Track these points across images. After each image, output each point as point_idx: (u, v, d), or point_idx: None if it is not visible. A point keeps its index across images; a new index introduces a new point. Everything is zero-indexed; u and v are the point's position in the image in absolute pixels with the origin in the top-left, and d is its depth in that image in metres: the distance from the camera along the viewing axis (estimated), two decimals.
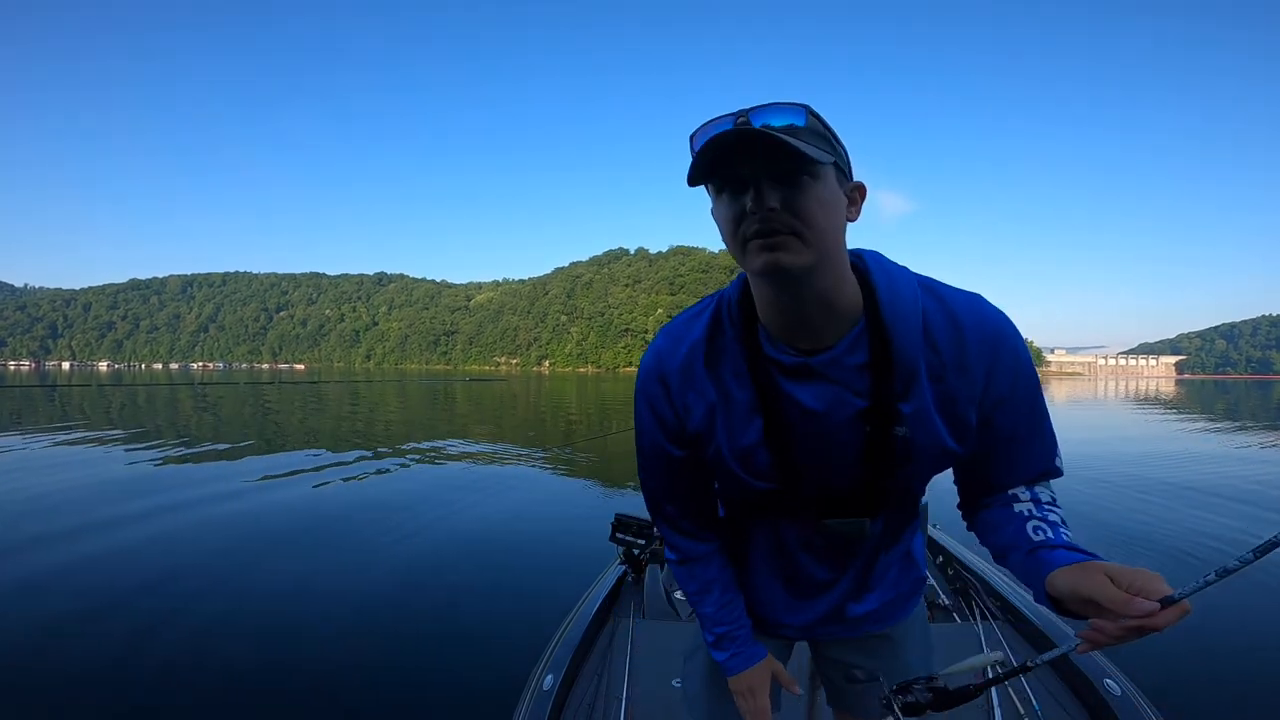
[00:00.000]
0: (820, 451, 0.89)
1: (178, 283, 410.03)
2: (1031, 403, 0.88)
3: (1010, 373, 0.85)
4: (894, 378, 0.82)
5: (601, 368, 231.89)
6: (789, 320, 0.83)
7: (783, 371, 0.86)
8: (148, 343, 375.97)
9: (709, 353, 0.90)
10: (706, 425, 0.91)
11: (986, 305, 0.87)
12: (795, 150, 0.70)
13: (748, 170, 0.73)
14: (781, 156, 0.71)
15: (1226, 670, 3.29)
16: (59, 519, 6.18)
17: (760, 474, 0.92)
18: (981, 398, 0.85)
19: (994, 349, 0.84)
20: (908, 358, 0.82)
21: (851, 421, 0.85)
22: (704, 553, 1.06)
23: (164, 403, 24.20)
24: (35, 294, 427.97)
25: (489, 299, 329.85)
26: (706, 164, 0.74)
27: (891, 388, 0.83)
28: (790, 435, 0.88)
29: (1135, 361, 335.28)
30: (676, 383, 0.92)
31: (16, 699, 2.94)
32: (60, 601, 4.07)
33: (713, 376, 0.90)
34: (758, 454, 0.90)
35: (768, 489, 0.94)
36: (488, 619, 3.91)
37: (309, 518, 6.44)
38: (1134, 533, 5.98)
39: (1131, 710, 1.91)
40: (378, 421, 18.06)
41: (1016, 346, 0.86)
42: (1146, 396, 41.44)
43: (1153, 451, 12.12)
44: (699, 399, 0.91)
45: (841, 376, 0.84)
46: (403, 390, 38.00)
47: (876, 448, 0.86)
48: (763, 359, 0.86)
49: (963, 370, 0.84)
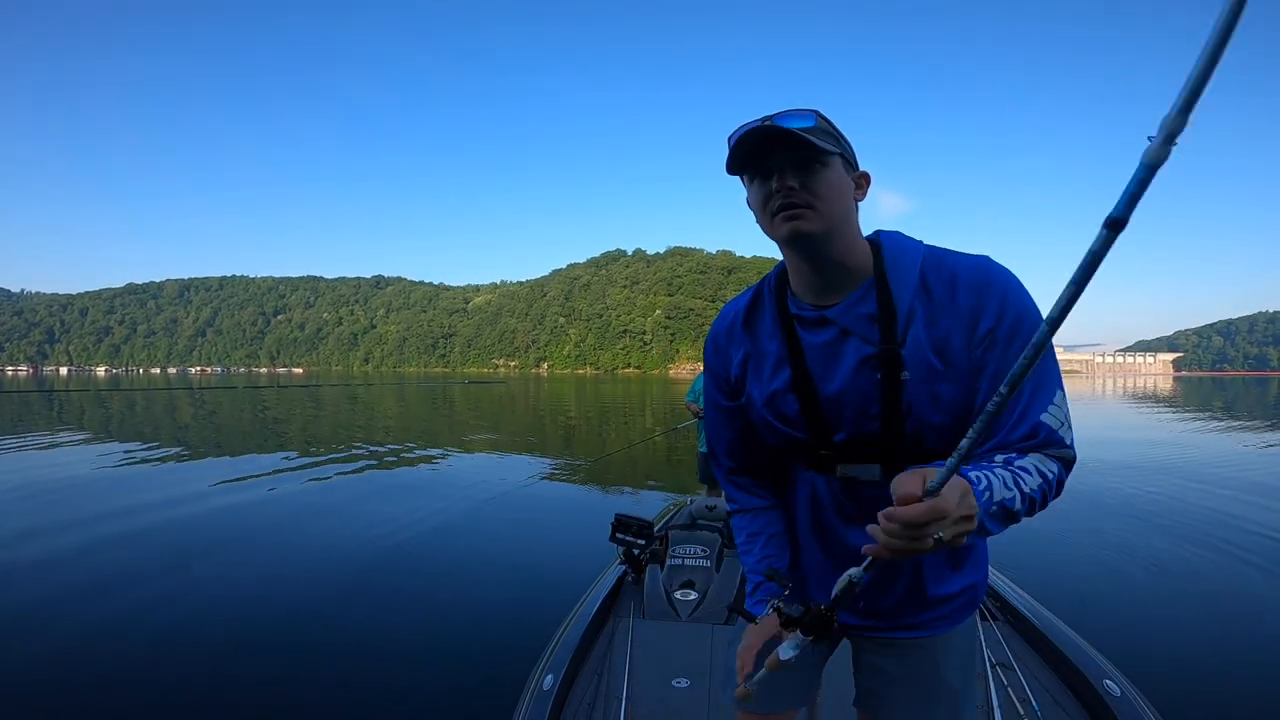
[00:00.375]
0: (840, 397, 1.00)
1: (175, 287, 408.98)
2: (1016, 345, 0.91)
3: (997, 309, 0.92)
4: (895, 323, 0.95)
5: (600, 369, 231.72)
6: (813, 282, 1.00)
7: (804, 324, 1.03)
8: (145, 347, 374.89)
9: (748, 316, 1.11)
10: (741, 373, 1.11)
11: (988, 259, 0.97)
12: (808, 142, 0.90)
13: (773, 161, 0.93)
14: (798, 148, 0.92)
15: (1226, 670, 3.28)
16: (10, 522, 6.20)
17: (790, 421, 1.06)
18: (970, 337, 0.93)
19: (982, 289, 0.93)
20: (905, 302, 0.95)
21: (864, 367, 0.98)
22: (754, 506, 1.19)
23: (166, 408, 24.15)
24: (32, 299, 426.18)
25: (487, 301, 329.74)
26: (742, 156, 0.95)
27: (894, 332, 0.95)
28: (814, 383, 1.02)
29: (1133, 359, 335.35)
30: (723, 342, 1.15)
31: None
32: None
33: (749, 334, 1.11)
34: (787, 400, 1.05)
35: (800, 438, 1.06)
36: (488, 619, 3.91)
37: (308, 517, 6.43)
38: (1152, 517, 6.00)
39: (1131, 710, 1.91)
40: (377, 425, 18.07)
41: (1007, 287, 0.93)
42: (1145, 393, 41.53)
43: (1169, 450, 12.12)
44: (738, 351, 1.12)
45: (853, 325, 0.98)
46: (402, 394, 38.03)
47: (886, 391, 0.96)
48: (789, 315, 1.05)
49: (954, 312, 0.94)
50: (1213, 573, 4.87)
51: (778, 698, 1.19)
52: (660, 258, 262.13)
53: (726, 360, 1.14)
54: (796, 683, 1.21)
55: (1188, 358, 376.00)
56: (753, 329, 1.11)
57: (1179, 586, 4.57)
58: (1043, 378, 0.92)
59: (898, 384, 0.95)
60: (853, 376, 0.99)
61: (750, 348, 1.10)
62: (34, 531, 5.92)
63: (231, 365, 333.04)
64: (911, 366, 0.95)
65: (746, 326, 1.11)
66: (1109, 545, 5.58)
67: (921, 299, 0.96)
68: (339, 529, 6.06)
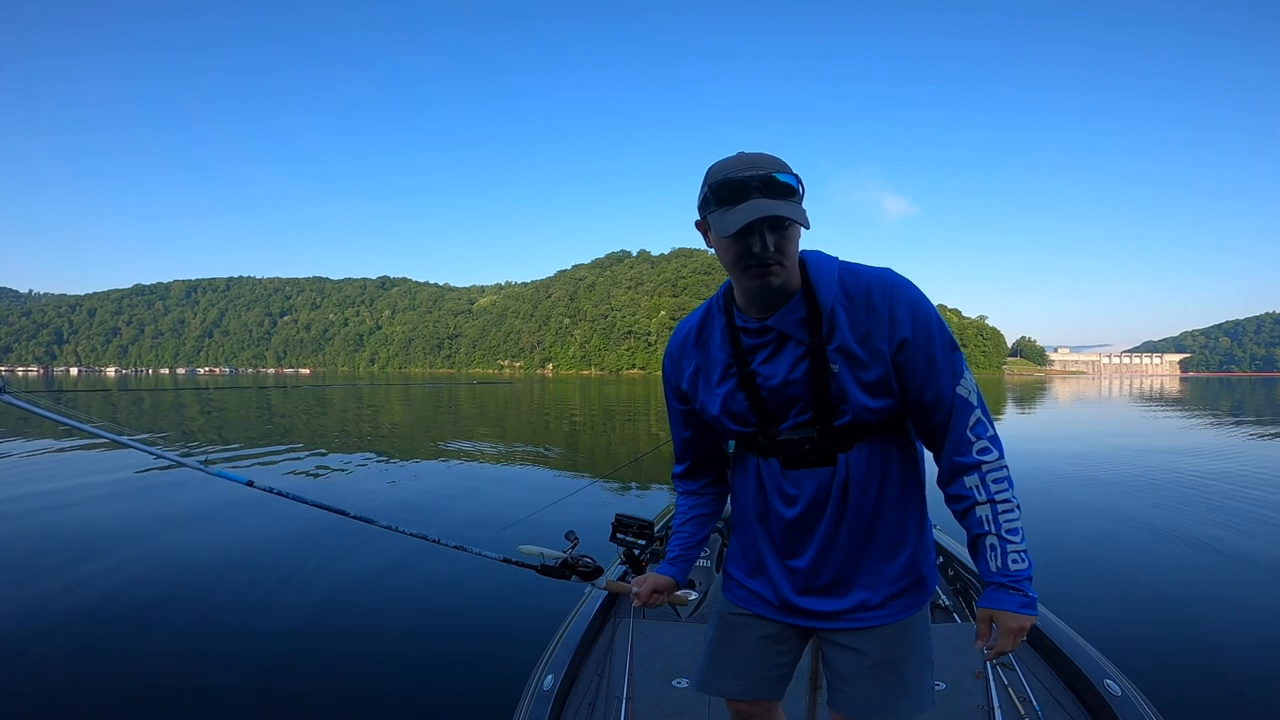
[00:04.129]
0: (781, 389, 1.21)
1: (182, 288, 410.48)
2: (932, 344, 1.15)
3: (909, 314, 1.14)
4: (821, 323, 1.15)
5: (605, 370, 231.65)
6: (758, 302, 1.19)
7: (749, 334, 1.22)
8: (153, 348, 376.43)
9: (699, 334, 1.31)
10: (691, 384, 1.32)
11: (892, 271, 1.20)
12: (799, 219, 1.07)
13: (758, 226, 1.08)
14: (783, 223, 1.09)
15: (1226, 670, 3.29)
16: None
17: (740, 417, 1.26)
18: (890, 337, 1.14)
19: (893, 294, 1.15)
20: (827, 305, 1.15)
21: (798, 363, 1.18)
22: (690, 489, 1.48)
23: (244, 404, 24.38)
24: (40, 300, 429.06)
25: (492, 302, 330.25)
26: (733, 224, 1.07)
27: (819, 330, 1.16)
28: (757, 382, 1.22)
29: (1139, 360, 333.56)
30: (677, 355, 1.35)
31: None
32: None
33: (700, 350, 1.31)
34: (736, 398, 1.25)
35: (749, 431, 1.27)
36: (488, 619, 3.91)
37: (308, 517, 6.46)
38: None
39: (1131, 710, 1.92)
40: (383, 426, 18.26)
41: (915, 296, 1.16)
42: (1150, 394, 41.39)
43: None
44: (689, 364, 1.32)
45: (787, 329, 1.17)
46: (407, 394, 38.18)
47: (815, 377, 1.17)
48: (735, 327, 1.24)
49: (871, 310, 1.15)
50: (1213, 572, 4.92)
51: (749, 687, 1.36)
52: (665, 259, 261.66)
53: (680, 371, 1.34)
54: (770, 674, 1.36)
55: (1195, 358, 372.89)
56: (704, 345, 1.30)
57: (1179, 586, 4.61)
58: (947, 365, 1.16)
59: (826, 372, 1.16)
60: (789, 371, 1.18)
61: (700, 361, 1.30)
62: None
63: (239, 366, 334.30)
64: (838, 359, 1.15)
65: (698, 343, 1.31)
66: (1109, 545, 5.64)
67: (843, 303, 1.16)
68: (340, 529, 6.03)
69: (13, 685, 3.15)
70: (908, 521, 1.26)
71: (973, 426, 1.17)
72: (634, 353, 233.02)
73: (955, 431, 1.18)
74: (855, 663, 1.25)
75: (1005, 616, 1.16)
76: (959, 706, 2.14)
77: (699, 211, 1.19)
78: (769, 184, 1.07)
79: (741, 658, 1.36)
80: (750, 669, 1.35)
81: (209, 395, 35.19)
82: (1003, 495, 1.16)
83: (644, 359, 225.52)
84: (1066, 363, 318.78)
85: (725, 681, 1.37)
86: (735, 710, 1.40)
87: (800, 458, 1.21)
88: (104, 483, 8.63)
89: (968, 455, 1.17)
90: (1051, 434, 16.54)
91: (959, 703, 2.16)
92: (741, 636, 1.36)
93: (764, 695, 1.36)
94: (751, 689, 1.35)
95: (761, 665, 1.34)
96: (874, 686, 1.24)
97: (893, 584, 1.25)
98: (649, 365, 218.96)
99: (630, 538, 3.27)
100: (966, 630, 2.66)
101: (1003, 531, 1.15)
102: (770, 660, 1.34)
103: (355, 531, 5.99)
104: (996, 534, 1.15)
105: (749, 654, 1.35)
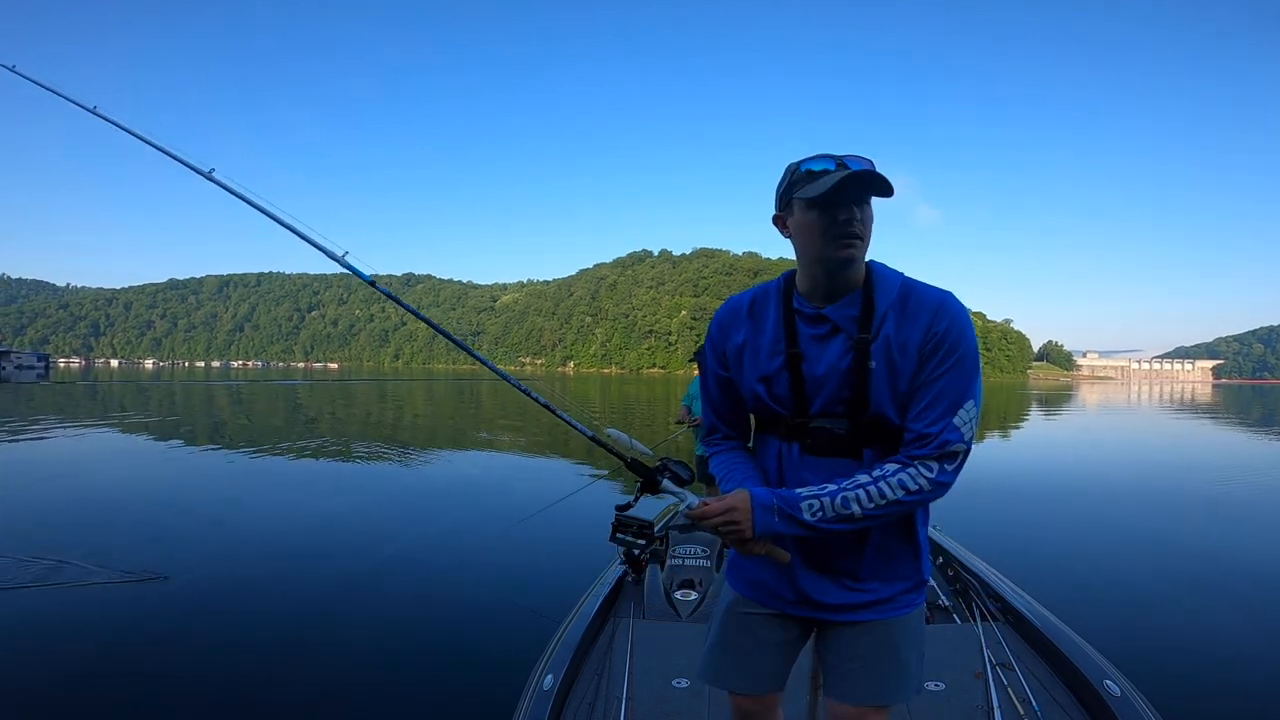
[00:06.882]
0: (823, 378, 1.24)
1: (214, 282, 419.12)
2: (950, 360, 1.18)
3: (944, 328, 1.18)
4: (872, 322, 1.21)
5: (625, 369, 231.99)
6: (822, 289, 1.24)
7: (804, 319, 1.27)
8: (185, 341, 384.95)
9: (752, 307, 1.35)
10: (737, 355, 1.34)
11: (950, 294, 1.23)
12: (886, 185, 1.15)
13: (850, 196, 1.15)
14: (871, 191, 1.17)
15: (1225, 670, 3.31)
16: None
17: (779, 397, 1.29)
18: (922, 343, 1.18)
19: (935, 310, 1.19)
20: (880, 308, 1.21)
21: (844, 355, 1.23)
22: (727, 448, 1.46)
23: (266, 402, 25.03)
24: (77, 293, 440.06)
25: (514, 300, 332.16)
26: (829, 191, 1.14)
27: (869, 327, 1.21)
28: (801, 366, 1.26)
29: (1170, 366, 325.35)
30: (727, 322, 1.37)
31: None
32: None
33: (751, 321, 1.33)
34: (780, 378, 1.28)
35: (781, 413, 1.30)
36: (488, 619, 3.94)
37: (307, 517, 6.64)
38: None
39: (1131, 710, 1.91)
40: (405, 419, 18.55)
41: (956, 314, 1.20)
42: (1179, 401, 40.55)
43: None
44: (738, 334, 1.34)
45: (840, 321, 1.23)
46: (430, 391, 38.83)
47: (856, 372, 1.21)
48: (792, 309, 1.28)
49: (916, 324, 1.19)
50: (1213, 572, 4.99)
51: (754, 681, 1.39)
52: (686, 259, 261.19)
53: (726, 337, 1.37)
54: (774, 668, 1.39)
55: (1227, 365, 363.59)
56: (756, 318, 1.33)
57: (1179, 586, 4.69)
58: (963, 388, 1.18)
59: (866, 369, 1.20)
60: (836, 361, 1.23)
61: (749, 334, 1.33)
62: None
63: (270, 360, 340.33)
64: (877, 357, 1.20)
65: (750, 315, 1.34)
66: (1108, 546, 5.73)
67: (895, 310, 1.21)
68: (340, 529, 6.17)
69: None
70: (915, 518, 1.30)
71: (941, 457, 1.17)
72: (654, 352, 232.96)
73: (924, 443, 1.18)
74: (862, 653, 1.29)
75: (745, 501, 1.20)
76: (959, 706, 2.13)
77: (778, 202, 1.26)
78: (859, 161, 1.17)
79: (747, 651, 1.38)
80: (755, 663, 1.37)
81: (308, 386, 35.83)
82: (879, 500, 1.16)
83: (664, 358, 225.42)
84: (1095, 368, 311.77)
85: (730, 675, 1.39)
86: (737, 706, 1.41)
87: (828, 445, 1.25)
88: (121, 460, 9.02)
89: (914, 452, 1.18)
90: (1060, 440, 16.56)
91: (959, 703, 2.15)
92: (747, 630, 1.38)
93: (767, 689, 1.39)
94: (756, 683, 1.38)
95: (766, 659, 1.37)
96: (878, 676, 1.28)
97: (902, 578, 1.30)
98: (669, 365, 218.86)
99: (630, 537, 3.09)
100: (966, 630, 2.68)
101: (833, 500, 1.17)
102: (775, 654, 1.37)
103: (356, 529, 6.13)
104: (828, 498, 1.17)
105: (754, 647, 1.37)
